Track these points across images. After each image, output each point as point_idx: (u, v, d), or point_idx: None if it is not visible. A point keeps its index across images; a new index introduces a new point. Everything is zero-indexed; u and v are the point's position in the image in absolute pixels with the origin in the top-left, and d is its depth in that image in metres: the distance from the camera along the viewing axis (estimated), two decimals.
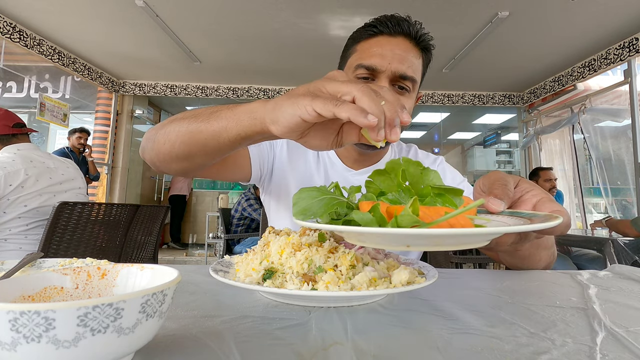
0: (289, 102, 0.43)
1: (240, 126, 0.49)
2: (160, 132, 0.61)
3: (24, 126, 1.70)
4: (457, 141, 8.01)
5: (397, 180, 0.42)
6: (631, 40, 3.41)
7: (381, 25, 0.78)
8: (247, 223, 3.91)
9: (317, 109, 0.40)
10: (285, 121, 0.43)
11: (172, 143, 0.58)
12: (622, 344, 0.36)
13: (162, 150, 0.61)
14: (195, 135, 0.54)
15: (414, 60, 0.78)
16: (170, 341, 0.34)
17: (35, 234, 1.59)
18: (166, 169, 0.66)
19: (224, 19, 3.37)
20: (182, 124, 0.57)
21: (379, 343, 0.34)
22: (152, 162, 0.67)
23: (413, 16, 0.83)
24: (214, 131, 0.52)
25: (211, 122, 0.52)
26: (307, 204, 0.41)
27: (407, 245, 0.37)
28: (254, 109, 0.48)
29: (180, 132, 0.57)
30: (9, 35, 3.39)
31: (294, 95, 0.43)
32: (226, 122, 0.51)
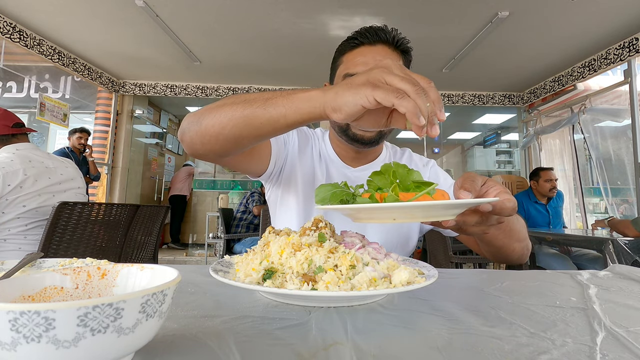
0: (350, 91, 0.47)
1: (299, 114, 0.53)
2: (208, 115, 0.63)
3: (24, 126, 1.70)
4: (457, 141, 8.01)
5: (390, 179, 0.54)
6: (631, 40, 3.41)
7: (361, 37, 0.86)
8: (249, 219, 3.92)
9: (378, 98, 0.45)
10: (348, 109, 0.48)
11: (222, 125, 0.61)
12: (622, 344, 0.36)
13: (209, 132, 0.63)
14: (251, 120, 0.58)
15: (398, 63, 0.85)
16: (170, 341, 0.34)
17: (35, 234, 1.59)
18: (205, 150, 0.68)
19: (224, 19, 3.37)
20: (236, 108, 0.59)
21: (379, 343, 0.34)
22: (191, 143, 0.68)
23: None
24: (271, 117, 0.56)
25: (268, 108, 0.56)
26: (325, 195, 0.54)
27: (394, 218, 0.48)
28: (313, 98, 0.52)
29: (235, 116, 0.59)
30: (9, 35, 3.39)
31: (354, 85, 0.48)
32: (284, 109, 0.54)
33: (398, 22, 3.25)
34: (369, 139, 0.88)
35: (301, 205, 0.92)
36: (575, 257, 3.03)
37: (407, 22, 3.25)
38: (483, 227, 0.57)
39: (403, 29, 0.88)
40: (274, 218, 1.01)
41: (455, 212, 0.50)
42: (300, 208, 0.92)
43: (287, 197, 0.95)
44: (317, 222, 0.55)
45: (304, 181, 0.94)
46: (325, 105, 0.50)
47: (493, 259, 0.85)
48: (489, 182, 0.59)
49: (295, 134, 0.98)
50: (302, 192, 0.93)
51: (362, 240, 0.56)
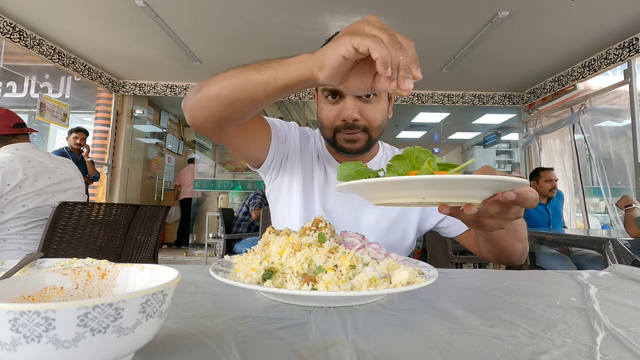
0: (332, 45, 0.49)
1: (288, 76, 0.55)
2: (209, 82, 0.67)
3: (25, 126, 1.70)
4: (457, 141, 8.00)
5: (411, 163, 0.52)
6: (631, 40, 3.41)
7: None
8: (250, 220, 3.92)
9: (354, 44, 0.46)
10: (330, 62, 0.49)
11: (220, 88, 0.64)
12: (622, 344, 0.36)
13: (208, 95, 0.67)
14: (245, 82, 0.61)
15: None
16: (170, 341, 0.34)
17: (34, 234, 1.59)
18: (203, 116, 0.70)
19: (224, 19, 3.37)
20: (232, 73, 0.63)
21: (379, 343, 0.34)
22: (191, 109, 0.71)
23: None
24: (263, 80, 0.58)
25: (260, 71, 0.59)
26: (347, 173, 0.54)
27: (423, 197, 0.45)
28: (301, 59, 0.54)
29: (231, 80, 0.63)
30: (9, 35, 3.39)
31: (335, 39, 0.49)
32: (275, 72, 0.57)
33: (398, 22, 3.25)
34: (357, 150, 0.88)
35: (300, 204, 0.93)
36: (575, 257, 3.02)
37: (407, 22, 3.25)
38: (501, 221, 0.56)
39: (403, 29, 0.88)
40: (273, 215, 1.01)
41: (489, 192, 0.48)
42: (299, 206, 0.93)
43: (287, 194, 0.96)
44: (317, 222, 0.55)
45: (304, 179, 0.94)
46: (312, 66, 0.52)
47: (494, 259, 0.84)
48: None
49: (298, 133, 0.99)
50: (301, 191, 0.93)
51: (362, 240, 0.56)
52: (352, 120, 0.82)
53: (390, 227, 0.93)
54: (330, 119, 0.86)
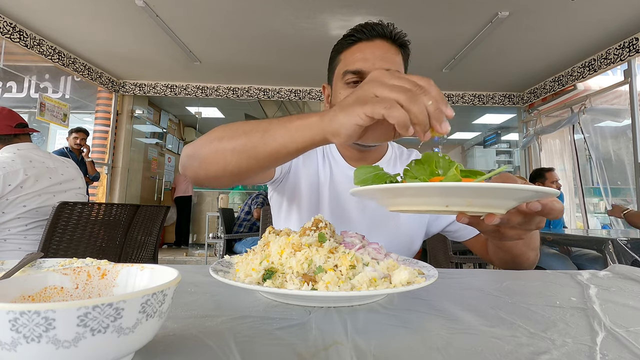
0: (343, 112, 0.46)
1: (299, 143, 0.52)
2: (207, 150, 0.62)
3: (27, 126, 1.70)
4: (457, 141, 8.01)
5: (430, 168, 0.50)
6: (631, 40, 3.41)
7: (358, 33, 0.84)
8: (252, 220, 3.93)
9: (367, 113, 0.43)
10: (345, 130, 0.46)
11: (226, 162, 0.60)
12: (622, 344, 0.36)
13: (211, 169, 0.62)
14: (252, 154, 0.56)
15: (394, 57, 0.84)
16: (170, 341, 0.34)
17: (35, 234, 1.59)
18: (210, 184, 0.68)
19: (223, 19, 3.37)
20: (235, 143, 0.58)
21: (379, 343, 0.34)
22: (195, 177, 0.68)
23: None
24: (273, 149, 0.54)
25: (267, 141, 0.54)
26: (365, 176, 0.51)
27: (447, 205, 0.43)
28: (312, 125, 0.50)
29: (235, 152, 0.58)
30: (9, 35, 3.39)
31: (345, 105, 0.46)
32: (283, 140, 0.53)
33: (398, 22, 3.22)
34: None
35: (305, 211, 0.91)
36: (575, 257, 3.02)
37: (407, 22, 3.24)
38: (521, 231, 0.54)
39: (403, 28, 0.87)
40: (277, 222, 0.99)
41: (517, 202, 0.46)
42: (303, 213, 0.91)
43: (291, 201, 0.94)
44: (317, 222, 0.55)
45: (309, 184, 0.92)
46: (324, 131, 0.49)
47: (504, 267, 0.82)
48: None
49: None
50: (306, 197, 0.91)
51: (362, 240, 0.56)
52: None
53: (398, 230, 0.91)
54: None
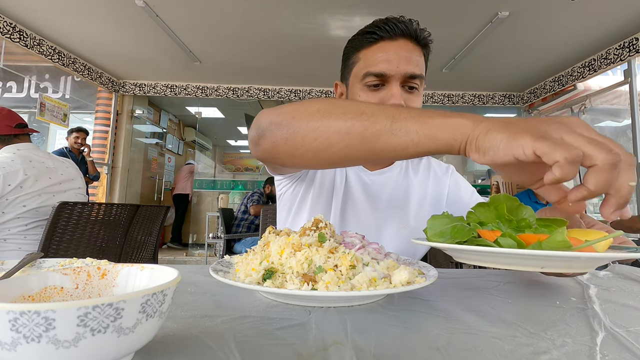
0: (505, 134, 0.37)
1: (434, 144, 0.43)
2: (306, 121, 0.51)
3: (26, 126, 1.70)
4: None
5: (496, 212, 0.46)
6: (631, 40, 3.41)
7: (380, 31, 0.78)
8: (250, 219, 3.93)
9: (537, 151, 0.34)
10: (496, 156, 0.38)
11: (330, 142, 0.49)
12: (622, 344, 0.36)
13: (308, 145, 0.51)
14: (372, 143, 0.46)
15: (418, 59, 0.80)
16: (170, 341, 0.34)
17: (35, 234, 1.59)
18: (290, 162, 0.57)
19: (224, 19, 3.37)
20: (351, 124, 0.47)
21: (379, 343, 0.34)
22: (272, 149, 0.56)
23: (413, 16, 0.83)
24: (400, 143, 0.45)
25: (396, 132, 0.45)
26: (441, 229, 0.46)
27: (542, 267, 0.41)
28: (459, 126, 0.41)
29: (349, 134, 0.47)
30: (9, 35, 3.39)
31: (515, 128, 0.37)
32: (417, 136, 0.44)
33: None
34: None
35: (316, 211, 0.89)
36: None
37: None
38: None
39: None
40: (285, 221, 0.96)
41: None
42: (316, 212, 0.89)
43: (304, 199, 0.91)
44: (317, 222, 0.55)
45: (322, 183, 0.90)
46: (469, 140, 0.40)
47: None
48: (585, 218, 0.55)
49: None
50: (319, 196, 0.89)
51: (362, 240, 0.56)
52: None
53: (410, 236, 0.90)
54: None
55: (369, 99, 0.79)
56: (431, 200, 0.93)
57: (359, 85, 0.81)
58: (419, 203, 0.92)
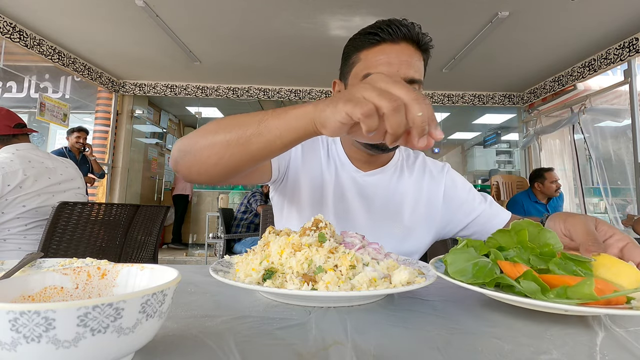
0: (330, 106, 0.46)
1: (294, 132, 0.51)
2: (201, 143, 0.60)
3: (25, 126, 1.70)
4: (457, 141, 8.00)
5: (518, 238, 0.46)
6: (631, 40, 3.41)
7: (383, 33, 0.78)
8: (250, 218, 3.93)
9: (348, 112, 0.43)
10: (330, 124, 0.46)
11: (219, 156, 0.58)
12: (621, 344, 0.36)
13: (206, 162, 0.60)
14: (247, 146, 0.55)
15: (418, 64, 0.79)
16: (170, 341, 0.34)
17: (34, 234, 1.59)
18: (202, 179, 0.66)
19: (224, 19, 3.37)
20: (230, 135, 0.56)
21: (379, 343, 0.34)
22: (188, 173, 0.66)
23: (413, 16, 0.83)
24: (268, 140, 0.53)
25: (262, 132, 0.53)
26: (462, 266, 0.45)
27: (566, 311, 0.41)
28: (306, 114, 0.50)
29: (230, 145, 0.56)
30: (9, 35, 3.39)
31: (335, 100, 0.46)
32: (278, 131, 0.52)
33: None
34: (392, 148, 0.81)
35: (307, 212, 0.89)
36: None
37: None
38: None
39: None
40: (278, 223, 0.96)
41: None
42: (305, 214, 0.89)
43: (292, 202, 0.91)
44: (317, 222, 0.55)
45: (312, 185, 0.90)
46: (315, 121, 0.49)
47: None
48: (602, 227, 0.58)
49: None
50: (309, 198, 0.89)
51: (362, 240, 0.56)
52: None
53: (405, 235, 0.90)
54: None
55: None
56: (426, 199, 0.93)
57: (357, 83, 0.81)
58: (413, 203, 0.92)
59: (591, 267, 0.44)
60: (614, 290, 0.40)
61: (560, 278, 0.41)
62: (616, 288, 0.41)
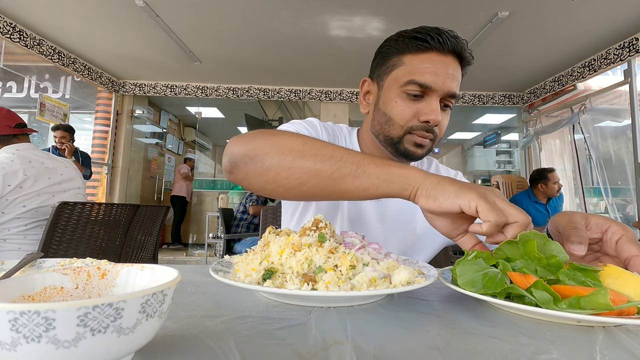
0: (454, 188, 0.48)
1: (391, 188, 0.52)
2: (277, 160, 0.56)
3: (25, 126, 1.70)
4: (457, 141, 8.00)
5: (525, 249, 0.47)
6: (631, 40, 3.41)
7: (433, 41, 0.75)
8: (249, 218, 3.93)
9: (479, 208, 0.46)
10: (444, 202, 0.48)
11: (301, 182, 0.55)
12: (621, 344, 0.36)
13: (282, 182, 0.57)
14: (338, 184, 0.54)
15: (460, 78, 0.79)
16: (170, 341, 0.34)
17: (34, 234, 1.59)
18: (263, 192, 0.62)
19: (224, 18, 3.37)
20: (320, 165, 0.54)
21: (379, 343, 0.34)
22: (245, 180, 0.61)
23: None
24: (363, 185, 0.53)
25: (360, 176, 0.53)
26: (472, 277, 0.45)
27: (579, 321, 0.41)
28: (412, 176, 0.51)
29: (319, 176, 0.54)
30: (9, 35, 3.39)
31: (460, 184, 0.49)
32: (377, 180, 0.52)
33: (398, 22, 3.25)
34: (420, 156, 0.80)
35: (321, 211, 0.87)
36: None
37: (407, 22, 3.25)
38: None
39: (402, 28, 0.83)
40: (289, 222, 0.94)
41: None
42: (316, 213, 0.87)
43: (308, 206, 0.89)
44: (317, 222, 0.55)
45: None
46: (420, 187, 0.50)
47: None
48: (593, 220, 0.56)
49: (325, 133, 0.87)
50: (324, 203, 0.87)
51: (362, 240, 0.56)
52: (435, 125, 0.76)
53: (416, 243, 0.89)
54: (406, 117, 0.76)
55: (406, 106, 0.77)
56: None
57: (396, 90, 0.78)
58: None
59: (599, 278, 0.45)
60: (627, 301, 0.40)
61: (572, 288, 0.41)
62: (629, 298, 0.41)
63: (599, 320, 0.38)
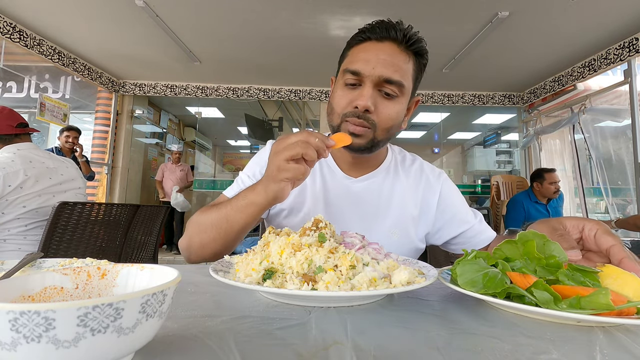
0: (271, 183, 0.63)
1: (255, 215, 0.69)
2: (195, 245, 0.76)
3: (27, 126, 1.70)
4: (457, 141, 8.00)
5: (524, 249, 0.47)
6: (631, 40, 3.41)
7: (369, 31, 0.78)
8: None
9: (287, 176, 0.61)
10: (282, 193, 0.64)
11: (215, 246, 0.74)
12: (621, 344, 0.36)
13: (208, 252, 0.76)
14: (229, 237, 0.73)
15: (402, 65, 0.77)
16: (170, 341, 0.34)
17: (35, 235, 1.59)
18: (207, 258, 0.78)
19: (224, 18, 3.37)
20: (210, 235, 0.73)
21: (379, 343, 0.34)
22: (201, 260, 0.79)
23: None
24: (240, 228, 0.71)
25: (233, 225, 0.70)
26: (473, 277, 0.46)
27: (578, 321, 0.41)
28: (255, 200, 0.67)
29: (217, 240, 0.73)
30: (9, 35, 3.39)
31: (270, 177, 0.63)
32: (243, 220, 0.70)
33: None
34: (358, 147, 0.79)
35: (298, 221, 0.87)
36: None
37: (406, 22, 3.22)
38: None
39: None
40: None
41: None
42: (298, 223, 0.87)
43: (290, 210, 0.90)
44: (317, 222, 0.55)
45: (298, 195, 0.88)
46: (267, 200, 0.65)
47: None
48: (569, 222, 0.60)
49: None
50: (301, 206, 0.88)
51: (362, 240, 0.56)
52: (364, 110, 0.75)
53: (400, 240, 0.88)
54: (341, 105, 0.78)
55: (343, 95, 0.79)
56: (421, 204, 0.91)
57: (339, 83, 0.81)
58: (409, 207, 0.90)
59: (598, 278, 0.45)
60: (627, 301, 0.40)
61: (572, 288, 0.42)
62: (628, 298, 0.41)
63: (599, 320, 0.38)
